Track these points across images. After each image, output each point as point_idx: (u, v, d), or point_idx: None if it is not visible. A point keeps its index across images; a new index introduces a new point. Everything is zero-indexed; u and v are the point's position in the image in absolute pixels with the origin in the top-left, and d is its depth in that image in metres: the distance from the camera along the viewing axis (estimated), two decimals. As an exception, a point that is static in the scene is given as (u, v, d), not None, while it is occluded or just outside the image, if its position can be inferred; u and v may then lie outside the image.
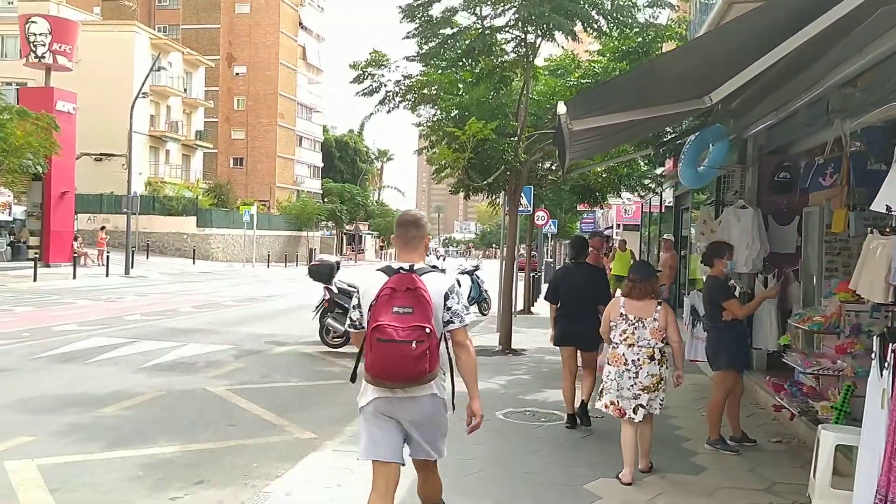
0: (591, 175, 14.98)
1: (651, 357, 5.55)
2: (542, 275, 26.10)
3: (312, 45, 78.15)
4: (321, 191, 70.23)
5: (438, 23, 11.30)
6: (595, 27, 10.86)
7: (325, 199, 65.34)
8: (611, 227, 33.58)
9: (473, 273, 18.14)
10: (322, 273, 12.18)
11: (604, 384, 5.74)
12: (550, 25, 10.53)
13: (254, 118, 68.78)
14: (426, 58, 11.87)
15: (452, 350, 3.74)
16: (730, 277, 7.62)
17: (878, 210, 4.41)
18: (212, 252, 45.31)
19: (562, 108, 4.59)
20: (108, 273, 27.84)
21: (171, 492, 5.30)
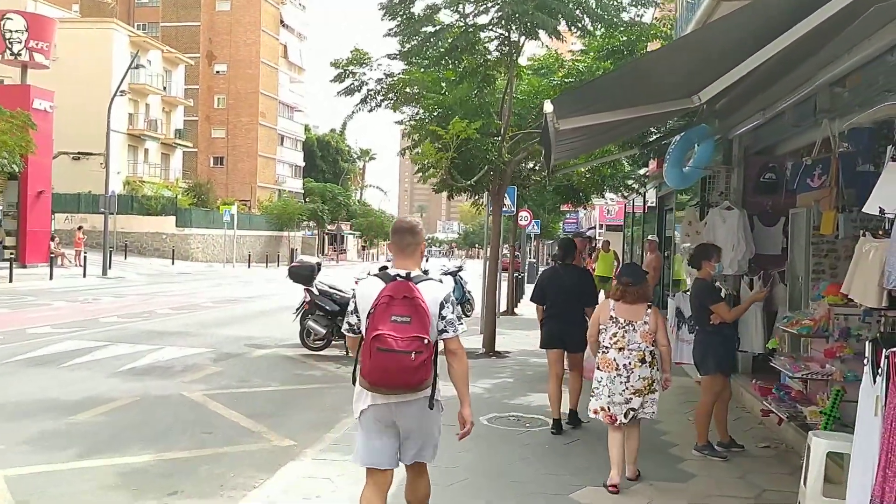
0: (575, 175, 14.88)
1: (642, 360, 5.49)
2: (526, 275, 26.04)
3: (294, 44, 77.69)
4: (303, 190, 69.78)
5: (420, 20, 11.15)
6: (579, 26, 10.77)
7: (307, 199, 64.92)
8: (593, 228, 33.61)
9: (456, 274, 17.98)
10: (302, 274, 11.98)
11: (594, 389, 5.64)
12: (534, 24, 10.42)
13: (234, 117, 68.16)
14: (408, 56, 11.71)
15: (445, 356, 3.78)
16: (716, 279, 7.52)
17: (871, 212, 4.31)
18: (191, 252, 44.82)
19: (548, 107, 4.46)
20: (86, 274, 27.45)
21: (145, 503, 5.12)
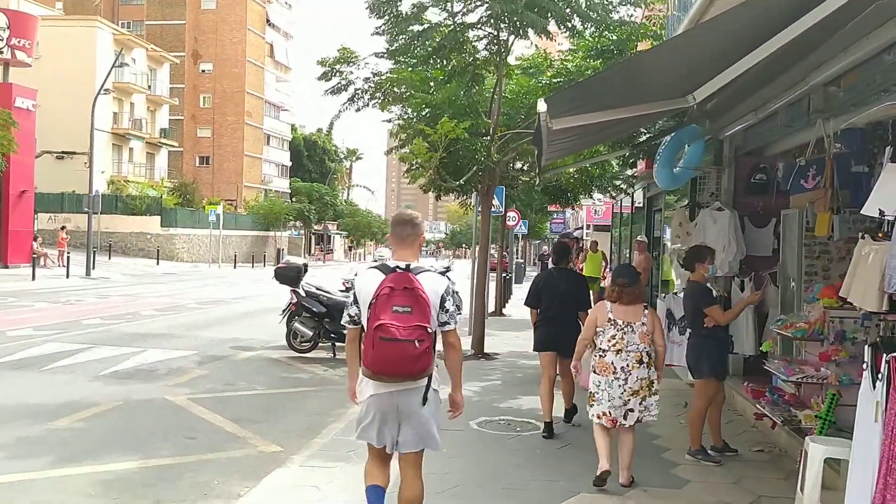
0: (564, 176, 14.79)
1: (640, 361, 5.45)
2: (513, 276, 25.95)
3: (280, 43, 77.30)
4: (289, 190, 69.44)
5: (407, 19, 11.01)
6: (569, 26, 10.67)
7: (294, 199, 64.63)
8: (580, 228, 33.57)
9: (444, 274, 17.84)
10: (289, 276, 11.80)
11: (593, 394, 5.55)
12: (524, 23, 10.31)
13: (220, 116, 67.68)
14: (395, 54, 11.58)
15: (443, 347, 3.89)
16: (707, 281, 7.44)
17: (870, 214, 4.23)
18: (176, 252, 44.45)
19: (542, 106, 4.34)
20: (69, 274, 27.09)
21: (125, 514, 4.97)
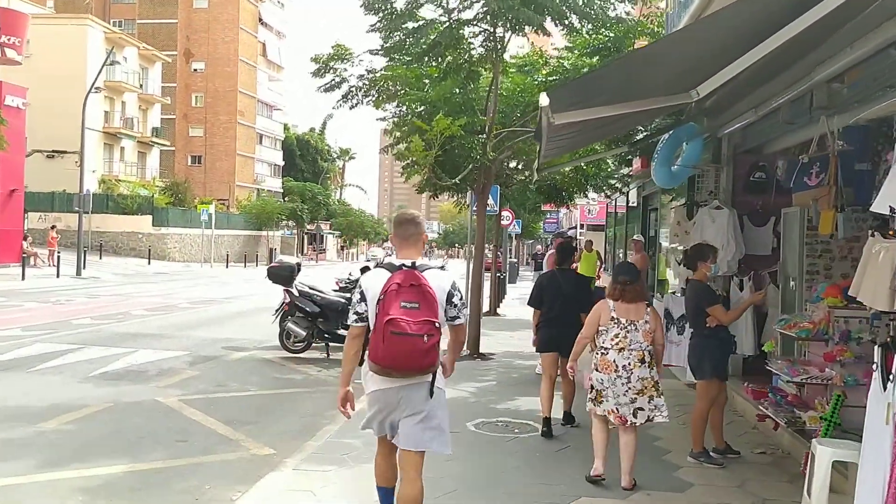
0: (559, 174, 14.67)
1: (641, 360, 5.37)
2: (507, 275, 25.88)
3: (273, 42, 76.98)
4: (282, 189, 69.17)
5: (402, 15, 10.87)
6: (566, 23, 10.55)
7: (286, 198, 64.38)
8: (574, 228, 33.51)
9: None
10: (282, 275, 11.65)
11: (598, 392, 5.46)
12: (520, 19, 10.19)
13: (212, 115, 67.33)
14: (390, 52, 11.44)
15: (449, 337, 4.03)
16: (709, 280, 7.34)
17: (881, 212, 4.12)
18: (168, 252, 44.18)
19: (544, 100, 4.22)
20: (59, 274, 26.85)
21: (114, 520, 4.83)
